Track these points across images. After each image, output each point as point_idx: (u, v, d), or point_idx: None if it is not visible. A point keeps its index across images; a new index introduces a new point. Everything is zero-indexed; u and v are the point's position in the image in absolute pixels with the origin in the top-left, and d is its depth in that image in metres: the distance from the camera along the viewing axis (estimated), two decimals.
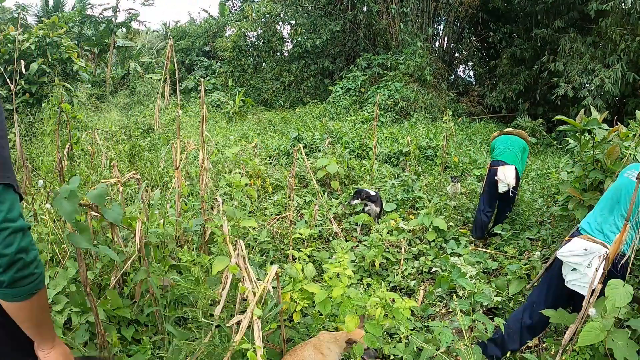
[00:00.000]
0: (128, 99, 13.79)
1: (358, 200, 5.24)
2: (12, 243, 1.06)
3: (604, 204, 2.74)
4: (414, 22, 15.04)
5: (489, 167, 4.97)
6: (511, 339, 2.72)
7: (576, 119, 3.78)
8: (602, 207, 2.74)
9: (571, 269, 2.55)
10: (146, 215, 3.35)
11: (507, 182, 4.71)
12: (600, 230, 2.62)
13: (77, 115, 3.93)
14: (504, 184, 4.74)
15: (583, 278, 2.48)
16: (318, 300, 2.57)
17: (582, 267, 2.48)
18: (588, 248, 2.50)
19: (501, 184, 4.75)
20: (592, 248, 2.50)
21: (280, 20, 18.29)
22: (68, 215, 1.77)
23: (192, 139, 6.44)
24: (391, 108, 12.97)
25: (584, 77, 11.22)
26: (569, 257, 2.56)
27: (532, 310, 2.74)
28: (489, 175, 4.94)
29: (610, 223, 2.61)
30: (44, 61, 8.66)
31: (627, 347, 2.13)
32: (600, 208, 2.75)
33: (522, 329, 2.73)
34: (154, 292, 2.61)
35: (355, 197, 5.26)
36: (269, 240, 4.38)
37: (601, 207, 2.75)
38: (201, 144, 3.53)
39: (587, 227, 2.70)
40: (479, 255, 4.40)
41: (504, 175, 4.72)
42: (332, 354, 2.45)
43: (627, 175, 2.70)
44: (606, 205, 2.71)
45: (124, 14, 16.92)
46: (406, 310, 2.54)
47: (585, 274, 2.46)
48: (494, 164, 4.90)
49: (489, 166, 4.98)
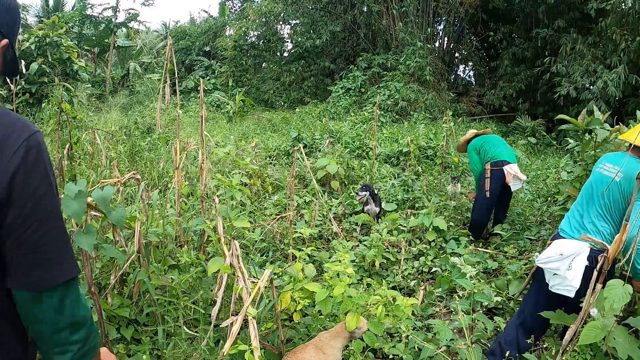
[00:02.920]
0: (128, 99, 13.80)
1: (366, 193, 5.21)
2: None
3: (580, 201, 2.72)
4: (414, 22, 15.04)
5: (491, 168, 4.88)
6: (510, 346, 2.71)
7: (578, 118, 3.77)
8: (578, 205, 2.72)
9: (552, 274, 2.54)
10: (146, 215, 3.35)
11: (523, 178, 4.73)
12: (579, 229, 2.61)
13: (76, 115, 3.93)
14: (516, 182, 4.73)
15: (564, 282, 2.46)
16: (319, 299, 2.56)
17: (562, 271, 2.45)
18: (563, 252, 2.47)
19: (514, 182, 4.72)
20: (568, 251, 2.47)
21: (280, 20, 18.30)
22: (76, 216, 1.78)
23: (192, 139, 6.44)
24: (391, 108, 12.98)
25: (586, 78, 11.22)
26: (547, 264, 2.54)
27: (526, 316, 2.73)
28: (494, 177, 4.82)
29: (587, 221, 2.59)
30: (44, 61, 8.67)
31: (628, 343, 2.13)
32: (577, 206, 2.73)
33: (518, 337, 2.71)
34: (154, 292, 2.62)
35: (363, 190, 5.23)
36: (265, 240, 4.38)
37: (577, 206, 2.73)
38: (200, 144, 3.54)
39: (567, 228, 2.69)
40: (479, 255, 4.40)
41: (517, 173, 4.72)
42: (334, 351, 2.43)
43: (600, 169, 2.67)
44: (582, 203, 2.70)
45: (124, 14, 16.91)
46: (407, 307, 2.53)
47: (565, 277, 2.44)
48: (496, 165, 4.83)
49: (490, 167, 4.89)
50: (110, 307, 2.61)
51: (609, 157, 2.73)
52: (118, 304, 2.66)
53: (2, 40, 1.10)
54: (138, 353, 2.52)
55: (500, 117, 14.53)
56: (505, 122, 14.10)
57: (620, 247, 2.29)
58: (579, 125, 3.69)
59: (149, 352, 2.56)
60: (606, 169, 2.63)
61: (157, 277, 2.73)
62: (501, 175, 4.78)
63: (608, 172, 2.60)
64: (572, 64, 11.73)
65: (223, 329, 2.58)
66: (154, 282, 2.67)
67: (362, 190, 5.23)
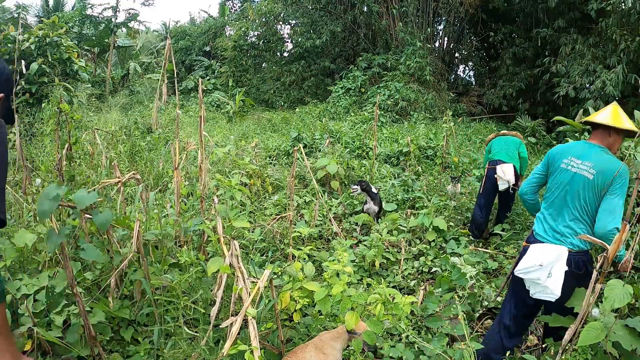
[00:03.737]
0: (128, 99, 13.79)
1: (357, 187, 5.25)
2: None
3: (551, 202, 2.62)
4: (414, 22, 15.04)
5: (487, 167, 5.00)
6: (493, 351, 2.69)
7: (575, 119, 3.78)
8: (549, 206, 2.63)
9: (532, 282, 2.51)
10: (145, 216, 3.35)
11: (507, 179, 4.75)
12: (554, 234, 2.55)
13: (75, 115, 3.92)
14: (504, 182, 4.76)
15: (545, 290, 2.43)
16: (318, 298, 2.56)
17: (542, 280, 2.41)
18: (543, 262, 2.42)
19: (501, 181, 4.77)
20: (546, 260, 2.42)
21: (280, 20, 18.30)
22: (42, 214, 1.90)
23: (191, 139, 6.44)
24: (391, 108, 12.97)
25: (585, 77, 11.21)
26: (528, 274, 2.49)
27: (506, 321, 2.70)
28: (488, 175, 4.96)
29: (562, 225, 2.53)
30: (44, 61, 8.66)
31: (629, 335, 2.13)
32: (547, 208, 2.64)
33: (503, 341, 2.68)
34: (152, 291, 2.61)
35: (355, 184, 5.30)
36: (265, 240, 4.38)
37: (548, 207, 2.64)
38: (200, 144, 3.53)
39: (542, 232, 2.62)
40: (479, 255, 4.40)
41: (503, 173, 4.74)
42: (334, 351, 2.42)
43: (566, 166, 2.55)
44: (553, 204, 2.60)
45: (124, 14, 16.93)
46: (406, 305, 2.53)
47: (546, 286, 2.41)
48: (492, 164, 4.95)
49: (487, 166, 5.00)
50: (111, 308, 2.61)
51: (572, 150, 2.61)
52: (117, 305, 2.66)
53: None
54: (137, 354, 2.52)
55: (500, 117, 14.52)
56: (505, 122, 14.09)
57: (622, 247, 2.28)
58: (576, 126, 3.70)
59: (148, 352, 2.56)
60: (574, 165, 2.53)
61: (157, 277, 2.73)
62: (493, 174, 4.86)
63: (578, 169, 2.51)
64: (571, 63, 11.73)
65: (223, 329, 2.57)
66: (154, 282, 2.67)
67: (354, 184, 5.32)
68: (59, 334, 2.43)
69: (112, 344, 2.65)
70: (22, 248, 2.80)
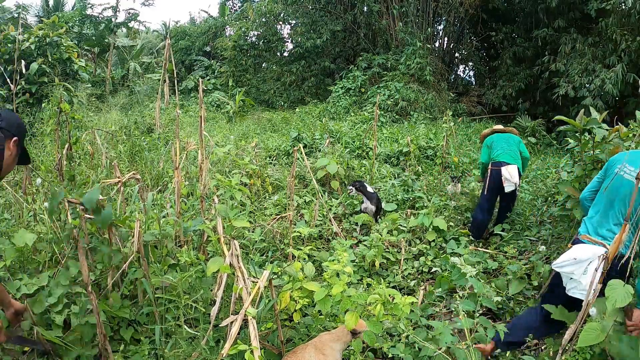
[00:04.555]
0: (128, 99, 13.78)
1: (351, 188, 5.43)
2: None
3: (598, 207, 2.67)
4: (414, 22, 15.04)
5: (491, 168, 4.94)
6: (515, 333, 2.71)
7: (576, 119, 3.78)
8: (596, 210, 2.69)
9: (569, 278, 2.53)
10: (145, 216, 3.35)
11: (514, 181, 4.75)
12: (597, 237, 2.58)
13: (75, 115, 3.92)
14: (510, 184, 4.76)
15: (579, 286, 2.46)
16: (318, 298, 2.56)
17: (577, 276, 2.45)
18: (577, 257, 2.46)
19: (508, 183, 4.76)
20: (583, 256, 2.45)
21: (280, 20, 18.30)
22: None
23: (192, 139, 6.44)
24: (391, 108, 12.97)
25: (585, 77, 11.22)
26: (563, 267, 2.54)
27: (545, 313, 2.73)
28: (492, 177, 4.89)
29: (606, 228, 2.56)
30: (44, 61, 8.66)
31: (629, 341, 2.13)
32: (595, 211, 2.70)
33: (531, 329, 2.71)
34: (152, 291, 2.61)
35: (351, 185, 5.48)
36: (265, 240, 4.38)
37: (596, 210, 2.69)
38: (200, 144, 3.53)
39: (586, 234, 2.66)
40: (479, 255, 4.39)
41: (510, 175, 4.73)
42: (334, 352, 2.43)
43: (621, 172, 2.58)
44: (600, 209, 2.65)
45: (124, 14, 16.90)
46: (406, 306, 2.53)
47: (580, 282, 2.44)
48: (495, 165, 4.89)
49: (490, 167, 4.95)
50: (111, 308, 2.61)
51: (629, 158, 2.61)
52: (118, 305, 2.66)
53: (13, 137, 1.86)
54: (136, 355, 2.52)
55: (500, 117, 14.51)
56: (505, 122, 14.08)
57: (620, 248, 2.28)
58: (577, 126, 3.70)
59: (148, 352, 2.56)
60: (626, 171, 2.55)
61: (157, 276, 2.73)
62: (498, 175, 4.83)
63: (630, 175, 2.52)
64: (571, 62, 11.73)
65: (223, 329, 2.58)
66: (154, 282, 2.67)
67: (350, 185, 5.49)
68: (60, 334, 2.43)
69: (113, 344, 2.65)
70: (22, 248, 2.80)
